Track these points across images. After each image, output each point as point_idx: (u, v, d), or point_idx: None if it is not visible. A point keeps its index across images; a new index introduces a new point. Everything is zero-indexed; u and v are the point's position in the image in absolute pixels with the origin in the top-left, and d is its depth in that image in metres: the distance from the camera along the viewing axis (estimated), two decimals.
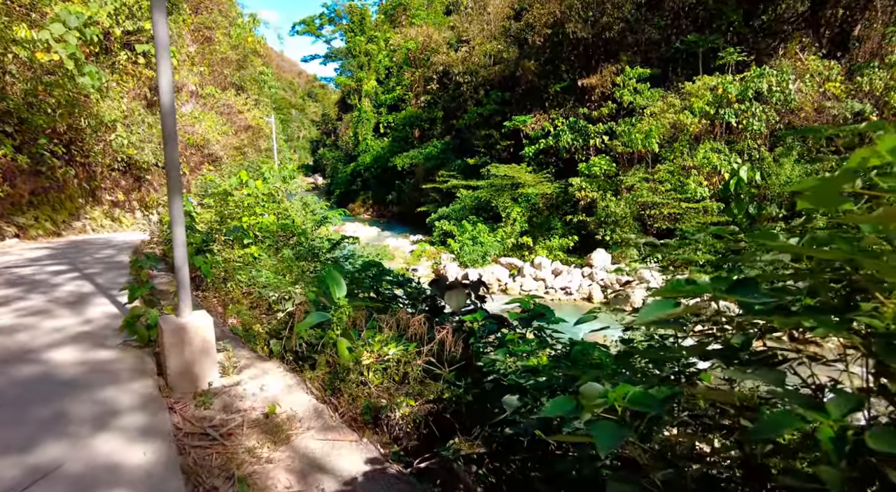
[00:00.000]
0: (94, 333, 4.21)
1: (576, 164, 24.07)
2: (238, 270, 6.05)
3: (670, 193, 17.79)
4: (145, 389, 3.04)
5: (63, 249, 9.46)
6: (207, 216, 9.36)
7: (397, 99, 46.56)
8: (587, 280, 17.93)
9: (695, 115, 17.80)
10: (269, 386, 2.98)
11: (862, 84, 15.55)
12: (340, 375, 3.17)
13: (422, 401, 3.30)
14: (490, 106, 29.93)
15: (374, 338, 3.40)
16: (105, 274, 6.67)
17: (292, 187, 10.64)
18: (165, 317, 3.23)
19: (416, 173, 39.49)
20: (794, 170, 16.16)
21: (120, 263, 7.46)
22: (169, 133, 3.04)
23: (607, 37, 24.32)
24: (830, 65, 16.54)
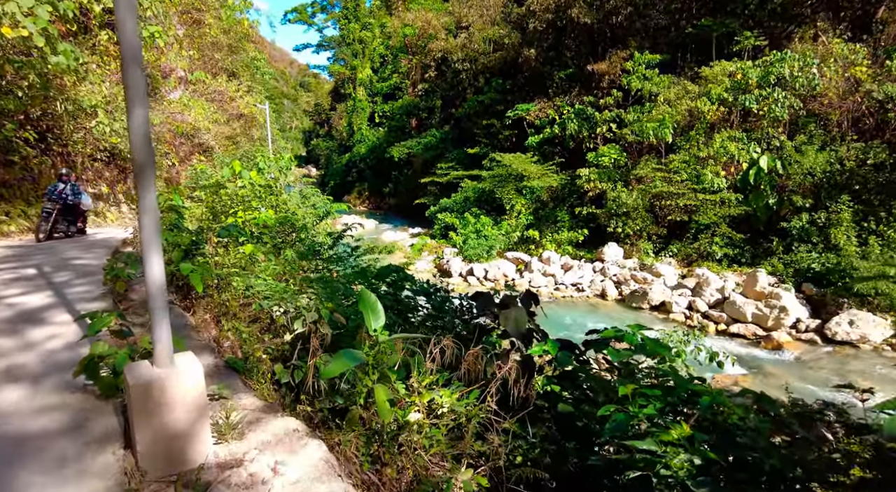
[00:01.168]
0: (41, 375, 3.21)
1: (582, 154, 23.19)
2: (233, 276, 5.14)
3: (685, 183, 16.96)
4: (103, 475, 2.11)
5: (34, 249, 8.49)
6: (198, 211, 8.42)
7: (393, 88, 45.39)
8: (599, 275, 17.13)
9: (712, 102, 16.92)
10: (287, 463, 2.07)
11: (892, 68, 14.72)
12: (381, 438, 2.31)
13: (485, 468, 2.44)
14: (491, 94, 28.94)
15: (421, 380, 2.53)
16: (75, 284, 5.72)
17: (290, 178, 9.71)
18: (134, 367, 2.26)
19: (413, 164, 38.51)
20: (817, 158, 15.35)
21: (96, 268, 6.53)
22: (135, 94, 2.14)
23: (614, 22, 23.38)
24: (856, 48, 15.70)
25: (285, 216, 8.37)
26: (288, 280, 6.26)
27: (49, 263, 6.95)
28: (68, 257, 7.45)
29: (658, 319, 14.29)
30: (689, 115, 17.82)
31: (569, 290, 16.76)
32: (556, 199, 22.46)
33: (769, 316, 12.28)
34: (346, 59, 58.51)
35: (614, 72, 22.14)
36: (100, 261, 6.61)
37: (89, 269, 6.56)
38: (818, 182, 15.54)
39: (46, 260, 7.25)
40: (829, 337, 11.80)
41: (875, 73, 15.43)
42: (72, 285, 5.66)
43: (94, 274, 6.09)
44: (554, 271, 17.63)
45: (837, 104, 16.07)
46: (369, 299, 2.51)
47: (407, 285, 5.34)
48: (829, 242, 14.70)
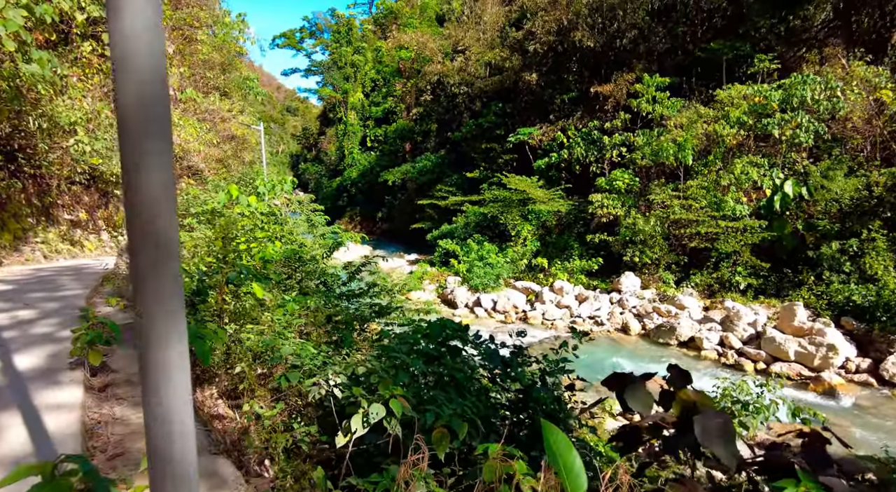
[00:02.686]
0: None
1: (588, 178, 22.42)
2: (247, 332, 3.96)
3: (705, 210, 16.12)
4: None
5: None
6: (189, 244, 7.20)
7: (387, 111, 44.75)
8: (617, 307, 16.07)
9: (731, 125, 16.24)
10: None
11: None
12: None
13: None
14: (490, 118, 28.24)
15: None
16: (35, 345, 4.44)
17: (295, 205, 8.57)
18: None
19: (407, 188, 37.58)
20: (846, 184, 14.63)
21: (68, 316, 5.25)
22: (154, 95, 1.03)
23: (617, 45, 22.91)
24: (879, 71, 15.18)
25: (293, 249, 7.21)
26: (310, 333, 5.08)
27: (7, 310, 5.63)
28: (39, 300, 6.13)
29: (688, 356, 13.22)
30: (707, 140, 17.09)
31: (586, 323, 15.64)
32: (562, 225, 21.55)
33: (815, 355, 11.27)
34: (334, 83, 58.04)
35: (620, 95, 21.54)
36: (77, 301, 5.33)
37: (66, 318, 5.27)
38: (846, 209, 14.79)
39: (7, 304, 5.92)
40: (886, 379, 10.80)
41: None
42: (33, 348, 4.35)
43: (70, 323, 4.79)
44: (568, 303, 16.53)
45: (862, 128, 15.48)
46: (560, 447, 1.36)
47: (469, 349, 4.21)
48: (863, 273, 13.87)
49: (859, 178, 14.87)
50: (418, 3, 39.34)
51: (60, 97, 9.28)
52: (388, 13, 40.86)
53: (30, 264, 9.84)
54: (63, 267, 9.59)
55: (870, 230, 14.14)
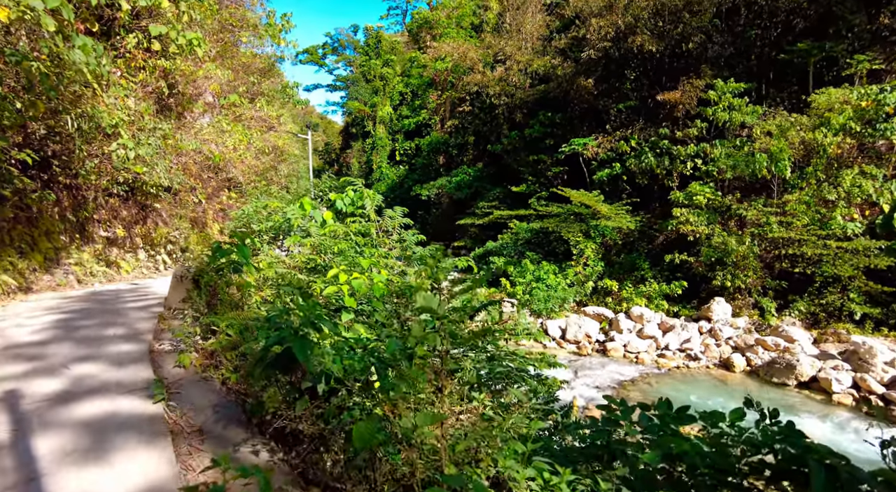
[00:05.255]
0: None
1: (653, 193, 20.69)
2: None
3: (809, 228, 14.22)
4: None
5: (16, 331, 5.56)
6: (269, 272, 5.59)
7: (419, 124, 43.53)
8: (710, 338, 14.15)
9: (835, 133, 14.39)
10: None
11: None
12: None
13: None
14: (537, 128, 26.64)
15: None
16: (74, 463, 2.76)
17: (392, 223, 6.95)
18: None
19: (442, 203, 36.14)
20: None
21: (124, 385, 3.60)
22: None
23: (682, 50, 21.24)
24: None
25: (407, 284, 5.57)
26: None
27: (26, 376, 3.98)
28: (79, 356, 4.47)
29: (814, 400, 11.24)
30: (804, 149, 15.24)
31: (677, 357, 13.74)
32: (627, 244, 19.74)
33: None
34: (360, 96, 57.23)
35: (690, 102, 19.82)
36: (131, 348, 3.65)
37: (123, 388, 3.62)
38: None
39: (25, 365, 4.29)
40: None
41: None
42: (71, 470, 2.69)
43: (133, 405, 3.12)
44: (652, 332, 14.64)
45: None
46: None
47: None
48: None
49: None
50: (455, 13, 38.22)
51: (104, 94, 7.82)
52: (424, 23, 39.78)
53: (62, 290, 8.32)
54: (102, 294, 8.04)
55: None
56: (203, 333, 4.60)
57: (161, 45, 9.61)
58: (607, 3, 23.34)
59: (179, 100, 12.07)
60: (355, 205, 7.47)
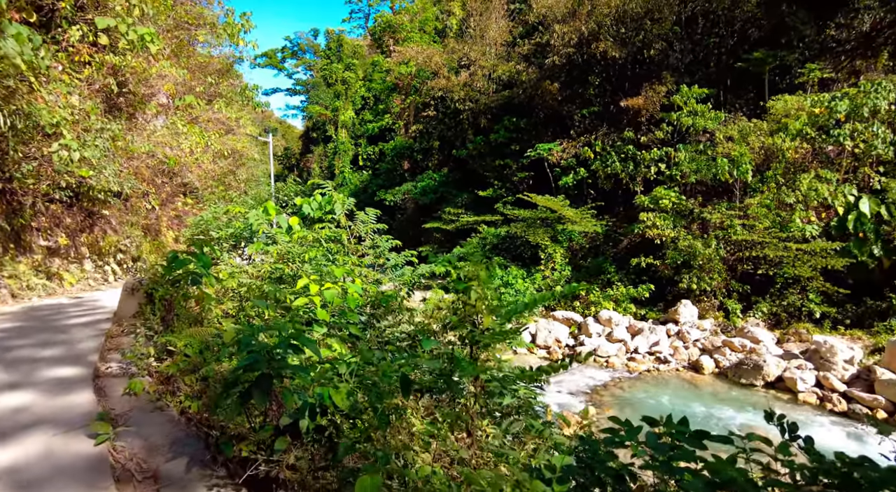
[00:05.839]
0: None
1: (617, 197, 20.93)
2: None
3: (770, 230, 14.56)
4: None
5: None
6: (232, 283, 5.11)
7: (383, 129, 43.03)
8: (678, 341, 14.27)
9: (792, 138, 14.82)
10: None
11: None
12: None
13: None
14: (502, 133, 26.63)
15: None
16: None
17: (364, 228, 6.54)
18: None
19: (406, 209, 35.71)
20: None
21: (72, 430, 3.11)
22: None
23: (644, 56, 21.62)
24: None
25: (383, 293, 5.20)
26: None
27: None
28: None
29: (781, 400, 11.41)
30: (764, 154, 15.64)
31: (647, 360, 13.78)
32: (594, 248, 19.85)
33: None
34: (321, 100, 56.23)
35: (653, 108, 20.16)
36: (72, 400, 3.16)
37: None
38: None
39: None
40: None
41: None
42: None
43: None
44: (621, 336, 14.66)
45: None
46: None
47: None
48: None
49: None
50: (418, 17, 37.99)
51: (43, 89, 7.14)
52: (387, 27, 39.38)
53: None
54: (40, 309, 7.31)
55: None
56: (158, 354, 4.10)
57: (109, 39, 8.93)
58: (570, 10, 23.60)
59: (131, 99, 11.32)
60: (323, 209, 7.05)
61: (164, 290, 5.29)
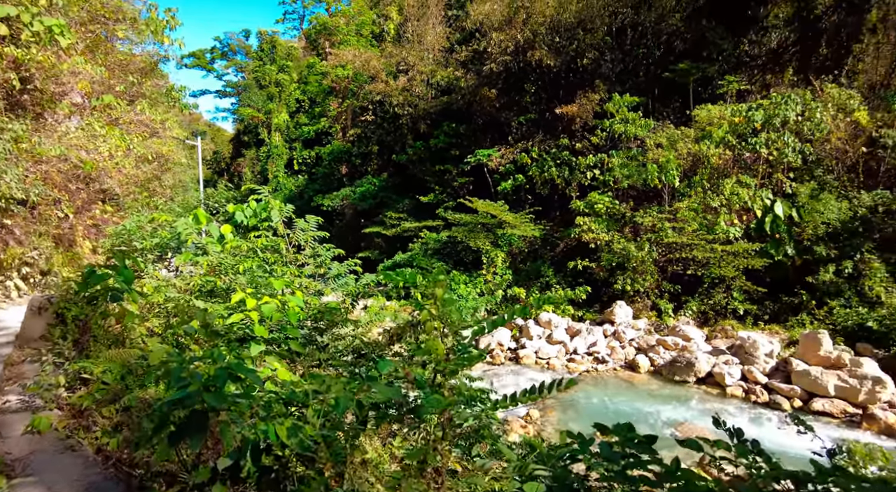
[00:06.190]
0: None
1: (554, 202, 21.45)
2: None
3: (698, 233, 15.34)
4: None
5: None
6: (158, 297, 4.68)
7: (319, 132, 42.07)
8: (614, 341, 14.72)
9: (716, 145, 15.72)
10: None
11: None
12: None
13: None
14: (441, 139, 26.68)
15: None
16: None
17: (304, 236, 6.22)
18: None
19: (345, 214, 35.02)
20: (840, 206, 14.41)
21: None
22: None
23: (578, 65, 22.34)
24: (851, 94, 15.32)
25: (326, 305, 4.95)
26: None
27: None
28: None
29: (712, 395, 12.00)
30: (691, 160, 16.50)
31: (586, 361, 14.11)
32: (532, 251, 20.20)
33: (860, 389, 10.38)
34: (253, 103, 54.31)
35: (587, 115, 20.83)
36: None
37: None
38: (835, 231, 14.56)
39: None
40: None
41: (878, 118, 15.06)
42: None
43: None
44: (560, 337, 14.95)
45: (840, 149, 15.50)
46: None
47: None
48: (863, 296, 13.53)
49: (842, 201, 14.75)
50: (355, 20, 37.46)
51: None
52: (322, 29, 38.53)
53: None
54: None
55: (862, 252, 13.93)
56: (69, 383, 3.66)
57: (10, 30, 8.10)
58: (507, 18, 23.99)
59: (37, 97, 10.34)
60: (259, 217, 6.67)
61: (79, 308, 4.78)
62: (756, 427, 10.17)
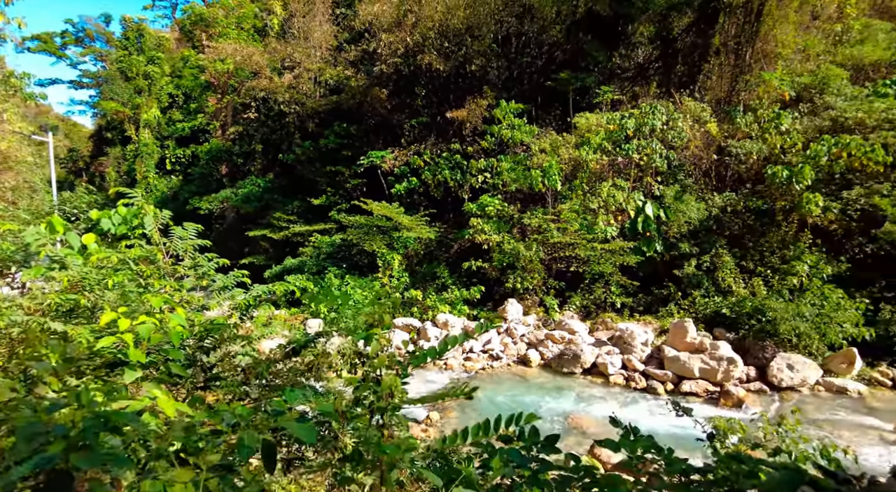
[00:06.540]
0: None
1: (447, 205, 21.78)
2: None
3: (579, 233, 16.40)
4: None
5: None
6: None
7: (196, 129, 39.03)
8: (507, 337, 15.25)
9: (594, 151, 16.92)
10: None
11: (741, 126, 16.42)
12: None
13: None
14: (332, 139, 25.95)
15: None
16: None
17: (183, 245, 5.60)
18: None
19: (227, 217, 32.76)
20: (699, 206, 16.19)
21: None
22: None
23: (467, 71, 22.92)
24: (704, 107, 17.29)
25: (212, 321, 4.49)
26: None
27: None
28: None
29: (596, 384, 12.85)
30: (572, 165, 17.59)
31: (482, 359, 14.46)
32: (428, 253, 20.33)
33: (717, 369, 11.70)
34: (117, 96, 49.01)
35: (476, 120, 21.41)
36: None
37: None
38: (695, 229, 16.33)
39: None
40: (775, 384, 11.65)
41: (725, 129, 17.13)
42: None
43: None
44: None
45: (696, 156, 17.41)
46: None
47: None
48: (718, 286, 15.31)
49: (700, 202, 16.60)
50: (235, 13, 35.22)
51: None
52: (199, 20, 35.70)
53: None
54: None
55: (717, 247, 15.76)
56: None
57: None
58: (396, 20, 23.94)
59: None
60: (130, 224, 5.93)
61: None
62: (636, 412, 11.05)
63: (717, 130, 16.95)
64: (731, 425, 6.15)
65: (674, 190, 16.77)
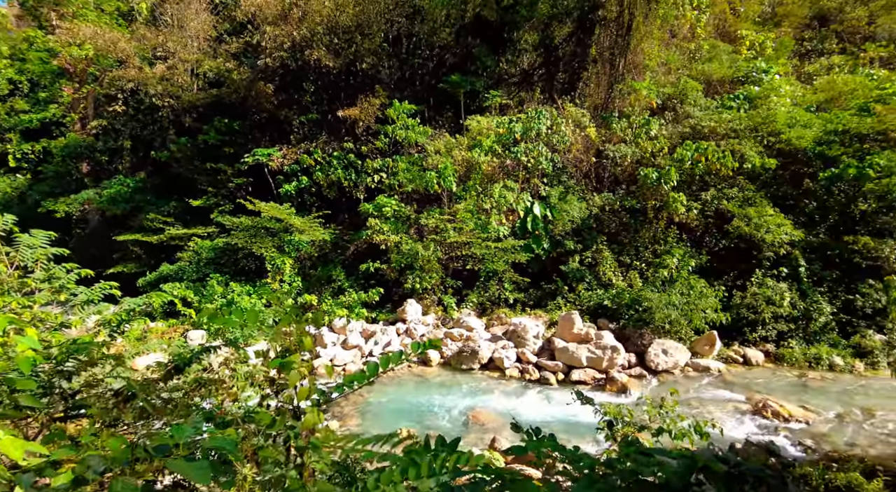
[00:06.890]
0: None
1: (342, 205, 21.24)
2: None
3: (475, 232, 16.79)
4: None
5: None
6: None
7: (47, 122, 34.38)
8: (407, 338, 15.20)
9: (485, 153, 17.42)
10: None
11: (616, 131, 17.81)
12: None
13: None
14: (212, 135, 24.16)
15: None
16: None
17: (33, 254, 4.79)
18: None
19: (89, 221, 29.22)
20: (581, 206, 17.27)
21: None
22: None
23: (357, 69, 22.51)
24: (584, 113, 18.54)
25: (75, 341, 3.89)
26: None
27: None
28: None
29: (493, 378, 13.22)
30: (466, 166, 17.96)
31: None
32: (322, 256, 19.65)
33: (603, 358, 12.56)
34: None
35: (369, 119, 21.09)
36: None
37: None
38: (578, 227, 17.43)
39: None
40: (653, 368, 12.75)
41: (602, 134, 18.48)
42: None
43: None
44: (356, 341, 14.85)
45: (581, 158, 18.59)
46: None
47: None
48: (599, 279, 16.48)
49: (582, 202, 17.77)
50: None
51: None
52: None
53: None
54: None
55: (598, 244, 16.96)
56: None
57: None
58: (281, 13, 22.91)
59: None
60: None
61: None
62: (531, 403, 11.52)
63: (596, 135, 18.25)
64: (620, 411, 6.59)
65: (558, 191, 17.77)
